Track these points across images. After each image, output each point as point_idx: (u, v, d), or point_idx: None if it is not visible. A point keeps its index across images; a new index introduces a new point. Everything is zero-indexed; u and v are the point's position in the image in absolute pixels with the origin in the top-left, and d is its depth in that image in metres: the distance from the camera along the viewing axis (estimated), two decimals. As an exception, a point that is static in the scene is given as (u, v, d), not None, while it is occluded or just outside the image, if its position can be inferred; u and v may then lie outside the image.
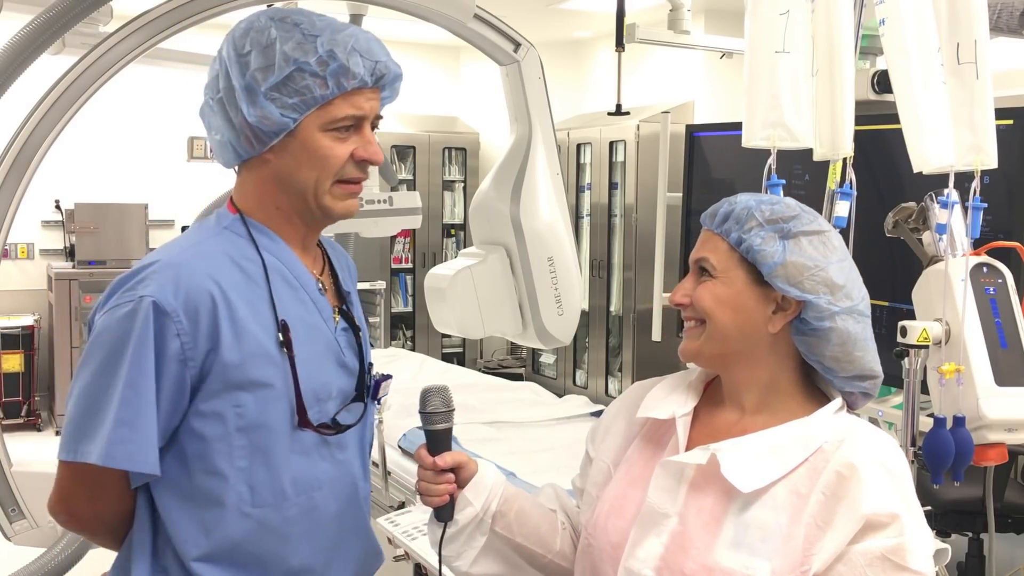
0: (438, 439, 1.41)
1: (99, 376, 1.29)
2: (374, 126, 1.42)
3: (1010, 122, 2.46)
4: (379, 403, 1.55)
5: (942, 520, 3.17)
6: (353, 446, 1.48)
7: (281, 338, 1.35)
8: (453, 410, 1.42)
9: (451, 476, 1.40)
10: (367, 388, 1.49)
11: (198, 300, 1.30)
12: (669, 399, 1.38)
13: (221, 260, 1.36)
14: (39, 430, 6.38)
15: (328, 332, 1.44)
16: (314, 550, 1.42)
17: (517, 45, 2.79)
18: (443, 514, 1.41)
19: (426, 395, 1.42)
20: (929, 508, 1.27)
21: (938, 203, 2.00)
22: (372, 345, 4.43)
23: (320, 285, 1.46)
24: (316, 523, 1.41)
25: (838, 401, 1.31)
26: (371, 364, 1.52)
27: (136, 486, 1.35)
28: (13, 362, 6.30)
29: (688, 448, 1.31)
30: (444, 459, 1.39)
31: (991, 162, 1.99)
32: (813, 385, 1.35)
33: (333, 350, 1.44)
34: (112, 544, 1.42)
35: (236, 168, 1.44)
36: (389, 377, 1.56)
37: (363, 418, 1.48)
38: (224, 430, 1.32)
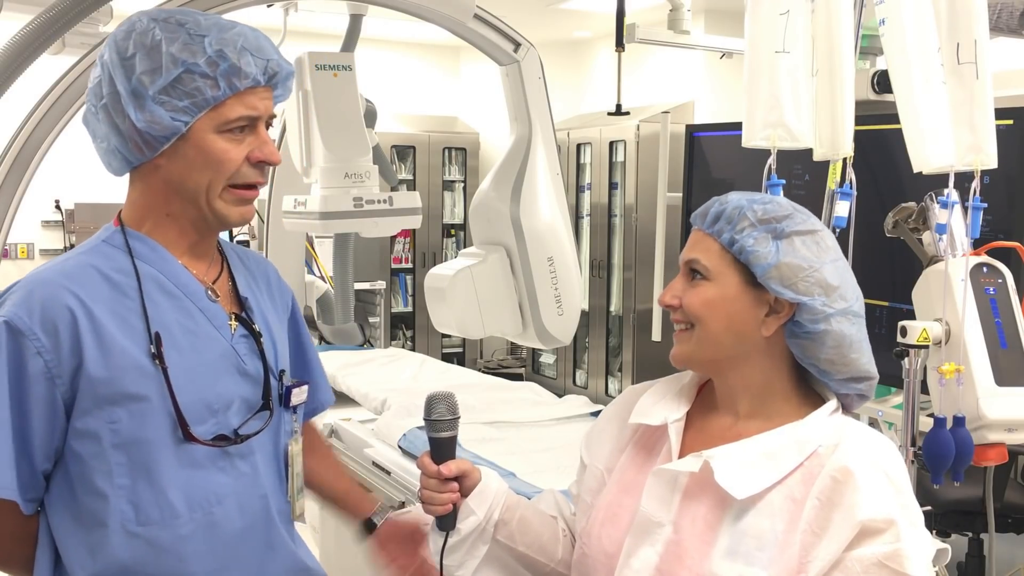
0: (443, 447, 1.38)
1: None
2: (268, 125, 1.39)
3: (1010, 122, 2.46)
4: (296, 411, 1.50)
5: (942, 520, 3.17)
6: (263, 458, 1.42)
7: (154, 350, 1.31)
8: (459, 417, 1.39)
9: (455, 485, 1.38)
10: (279, 396, 1.44)
11: (56, 316, 1.27)
12: (661, 404, 1.36)
13: (86, 273, 1.33)
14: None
15: (222, 340, 1.39)
16: (218, 569, 1.36)
17: (517, 45, 2.79)
18: (446, 523, 1.39)
19: (432, 402, 1.38)
20: (929, 508, 1.26)
21: (938, 203, 2.00)
22: (372, 345, 4.42)
23: (209, 292, 1.41)
24: (218, 539, 1.36)
25: (833, 403, 1.29)
26: (283, 371, 1.47)
27: (29, 513, 1.32)
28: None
29: (682, 454, 1.29)
30: (449, 468, 1.37)
31: (991, 162, 1.99)
32: (808, 387, 1.33)
33: (230, 359, 1.40)
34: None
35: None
36: (305, 383, 1.51)
37: (269, 427, 1.42)
38: (99, 448, 1.29)
